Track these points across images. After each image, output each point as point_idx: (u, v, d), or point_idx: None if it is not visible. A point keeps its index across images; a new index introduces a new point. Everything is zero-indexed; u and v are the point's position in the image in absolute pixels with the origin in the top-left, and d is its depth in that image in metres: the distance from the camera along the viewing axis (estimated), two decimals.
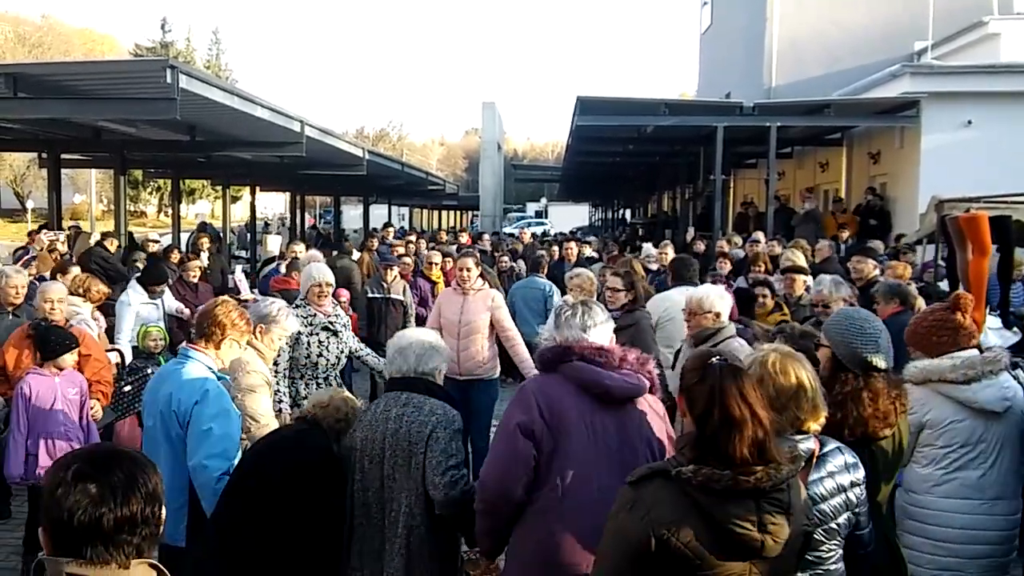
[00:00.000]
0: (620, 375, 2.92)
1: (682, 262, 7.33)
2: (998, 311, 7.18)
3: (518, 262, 11.71)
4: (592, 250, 12.81)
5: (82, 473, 1.67)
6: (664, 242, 11.26)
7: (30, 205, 39.83)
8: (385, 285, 8.54)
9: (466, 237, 17.18)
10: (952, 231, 6.70)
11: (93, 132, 12.69)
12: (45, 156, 14.12)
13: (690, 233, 15.06)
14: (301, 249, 9.99)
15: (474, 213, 44.52)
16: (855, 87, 15.25)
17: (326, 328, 5.57)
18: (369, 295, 8.54)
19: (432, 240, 15.81)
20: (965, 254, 6.49)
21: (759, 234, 11.50)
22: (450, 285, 7.26)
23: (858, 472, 2.69)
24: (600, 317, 3.13)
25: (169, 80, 8.12)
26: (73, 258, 10.00)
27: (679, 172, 19.96)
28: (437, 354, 3.39)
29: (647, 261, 10.04)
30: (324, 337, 5.55)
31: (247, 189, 25.10)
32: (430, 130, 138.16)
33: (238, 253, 23.31)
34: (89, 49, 51.42)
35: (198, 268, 8.83)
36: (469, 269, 6.66)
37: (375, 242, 13.49)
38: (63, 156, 13.79)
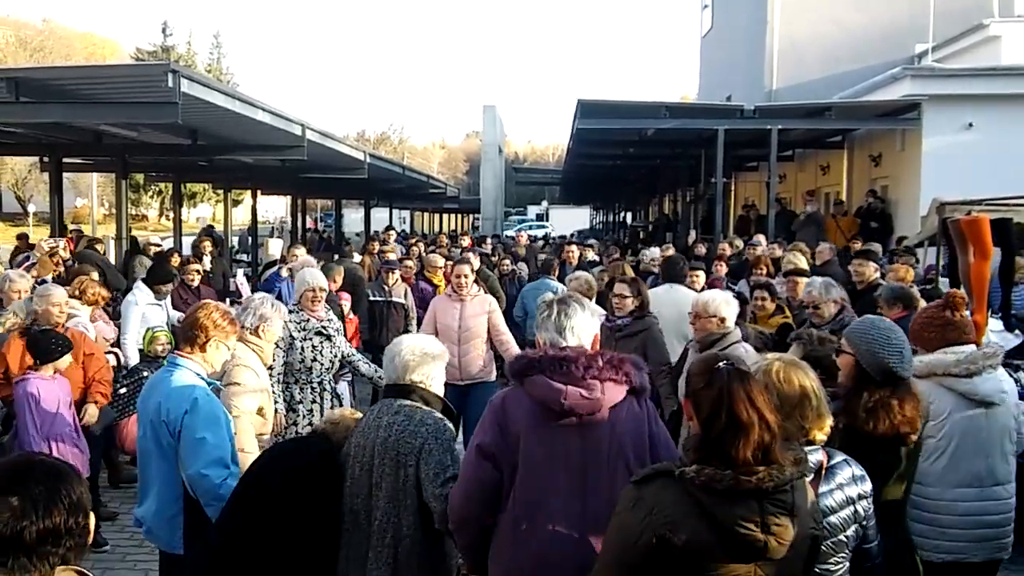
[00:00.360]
0: (580, 388, 2.73)
1: (671, 261, 7.70)
2: (1000, 314, 7.18)
3: (519, 265, 11.70)
4: (593, 253, 12.82)
5: (2, 487, 1.66)
6: (665, 245, 11.28)
7: (31, 209, 39.84)
8: (387, 288, 8.56)
9: (467, 240, 17.19)
10: (953, 234, 6.70)
11: (94, 136, 12.70)
12: (47, 160, 14.12)
13: (692, 236, 15.07)
14: (302, 253, 9.99)
15: (475, 216, 44.55)
16: (856, 90, 15.26)
17: (319, 333, 5.57)
18: (371, 298, 8.56)
19: (433, 243, 15.80)
20: (966, 257, 6.49)
21: (760, 237, 11.50)
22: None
23: (865, 484, 2.70)
24: (578, 316, 2.99)
25: (171, 84, 8.12)
26: (75, 263, 10.01)
27: (680, 175, 19.98)
28: (431, 361, 3.29)
29: (652, 265, 10.03)
30: (318, 342, 5.55)
31: (248, 193, 25.11)
32: (431, 133, 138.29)
33: (239, 257, 23.33)
34: (90, 53, 51.50)
35: (197, 272, 8.82)
36: (466, 275, 6.73)
37: (376, 245, 13.49)
38: (64, 160, 13.80)
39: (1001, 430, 3.68)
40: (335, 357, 5.66)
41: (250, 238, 22.84)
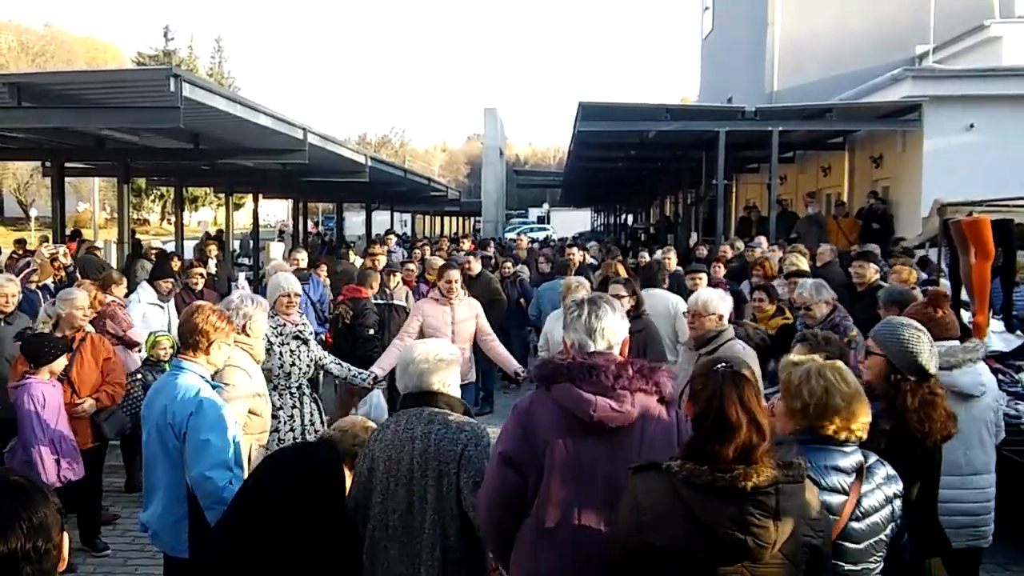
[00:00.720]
0: (610, 399, 2.66)
1: (647, 267, 8.43)
2: (1001, 315, 7.18)
3: (520, 267, 11.72)
4: (590, 256, 12.84)
5: None
6: (667, 247, 11.28)
7: (33, 214, 39.91)
8: (388, 291, 8.56)
9: (468, 243, 17.19)
10: (954, 235, 6.70)
11: (96, 141, 12.74)
12: (49, 165, 14.17)
13: (693, 238, 15.07)
14: (303, 257, 10.00)
15: (476, 219, 44.58)
16: (857, 91, 15.25)
17: (296, 337, 5.55)
18: (372, 301, 8.55)
19: (435, 244, 15.81)
20: (968, 258, 6.49)
21: (761, 239, 11.50)
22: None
23: (898, 484, 2.75)
24: (609, 318, 2.88)
25: (172, 89, 8.14)
26: (76, 268, 10.05)
27: (681, 177, 19.98)
28: (448, 366, 3.20)
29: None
30: (295, 346, 5.52)
31: (250, 196, 25.13)
32: (432, 136, 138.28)
33: (241, 260, 23.36)
34: (92, 58, 51.61)
35: (200, 276, 8.83)
36: (456, 280, 6.82)
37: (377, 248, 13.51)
38: (67, 165, 13.83)
39: (980, 421, 3.97)
40: (311, 361, 5.63)
41: (252, 242, 22.88)
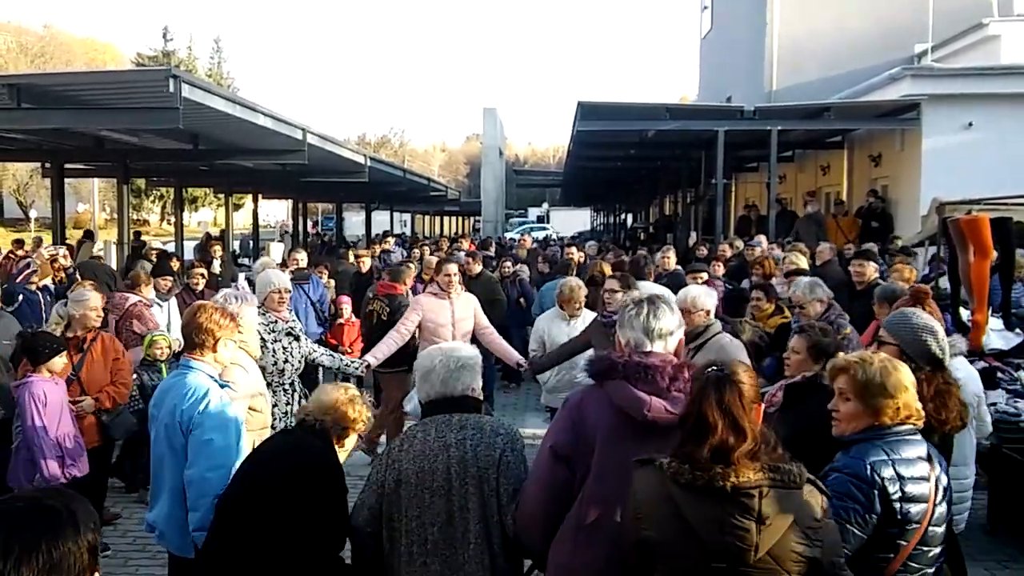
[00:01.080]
0: (664, 400, 2.64)
1: (636, 262, 8.70)
2: (1000, 312, 7.19)
3: (520, 267, 11.74)
4: (590, 256, 12.84)
5: None
6: (666, 247, 11.29)
7: (33, 214, 39.90)
8: None
9: (467, 243, 17.21)
10: (953, 233, 6.72)
11: (96, 141, 12.76)
12: (48, 166, 14.19)
13: (692, 237, 15.07)
14: (303, 257, 10.00)
15: (476, 219, 44.57)
16: (855, 90, 15.26)
17: (288, 333, 5.57)
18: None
19: (435, 246, 15.81)
20: (966, 256, 6.51)
21: (761, 238, 11.51)
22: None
23: (944, 464, 2.90)
24: (667, 319, 2.84)
25: (172, 89, 8.16)
26: (77, 271, 10.06)
27: (680, 176, 19.98)
28: (468, 371, 3.08)
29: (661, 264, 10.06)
30: (287, 342, 5.54)
31: (249, 197, 25.15)
32: (431, 136, 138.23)
33: (241, 261, 23.36)
34: (91, 58, 51.56)
35: (202, 276, 8.84)
36: (455, 274, 6.82)
37: (377, 249, 13.55)
38: (66, 166, 13.85)
39: None
40: (303, 357, 5.66)
41: (251, 242, 22.91)
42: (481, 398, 3.17)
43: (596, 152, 20.24)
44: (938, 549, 2.76)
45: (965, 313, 6.77)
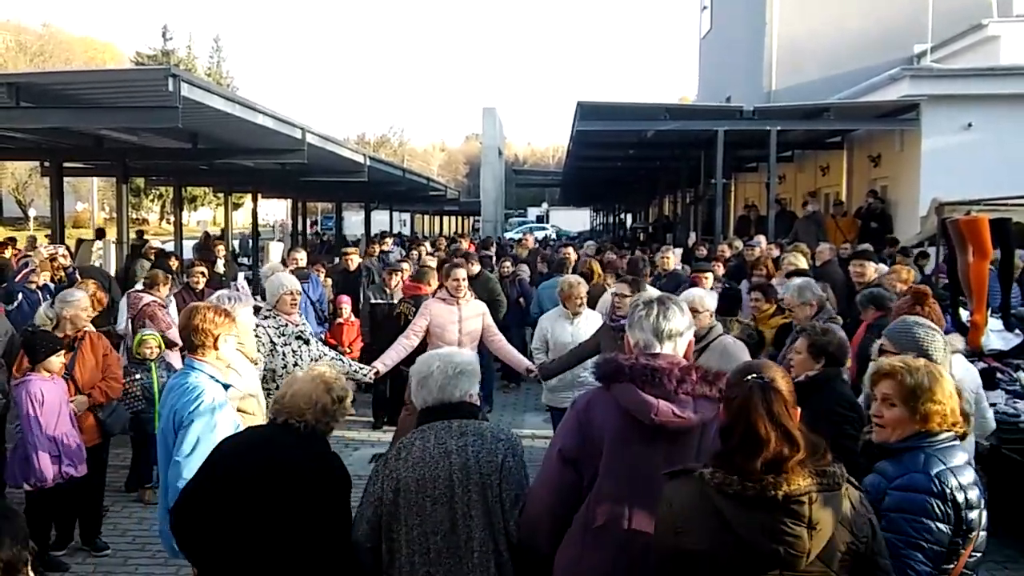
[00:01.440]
0: (672, 403, 2.62)
1: (633, 263, 8.82)
2: (999, 313, 7.19)
3: (520, 267, 11.74)
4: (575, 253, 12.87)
5: None
6: (665, 246, 11.29)
7: (32, 213, 39.89)
8: (388, 291, 8.57)
9: (467, 243, 17.19)
10: (952, 234, 6.72)
11: (95, 141, 12.73)
12: (47, 165, 14.16)
13: (692, 237, 15.07)
14: (302, 256, 10.00)
15: (475, 218, 44.55)
16: (855, 90, 15.26)
17: (298, 337, 5.57)
18: (372, 301, 8.56)
19: (433, 245, 15.81)
20: (966, 257, 6.51)
21: (760, 238, 11.50)
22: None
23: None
24: (676, 320, 2.82)
25: (171, 88, 8.14)
26: (76, 271, 10.06)
27: (680, 176, 19.98)
28: (466, 377, 3.05)
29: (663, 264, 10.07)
30: (297, 346, 5.54)
31: (249, 196, 25.13)
32: (431, 136, 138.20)
33: (240, 260, 23.36)
34: (90, 57, 51.52)
35: (202, 275, 8.83)
36: (463, 279, 6.78)
37: (376, 249, 13.52)
38: (65, 165, 13.82)
39: None
40: (312, 361, 5.62)
41: (250, 241, 22.89)
42: (478, 403, 3.14)
43: (595, 152, 20.23)
44: (981, 553, 2.75)
45: (964, 314, 6.77)
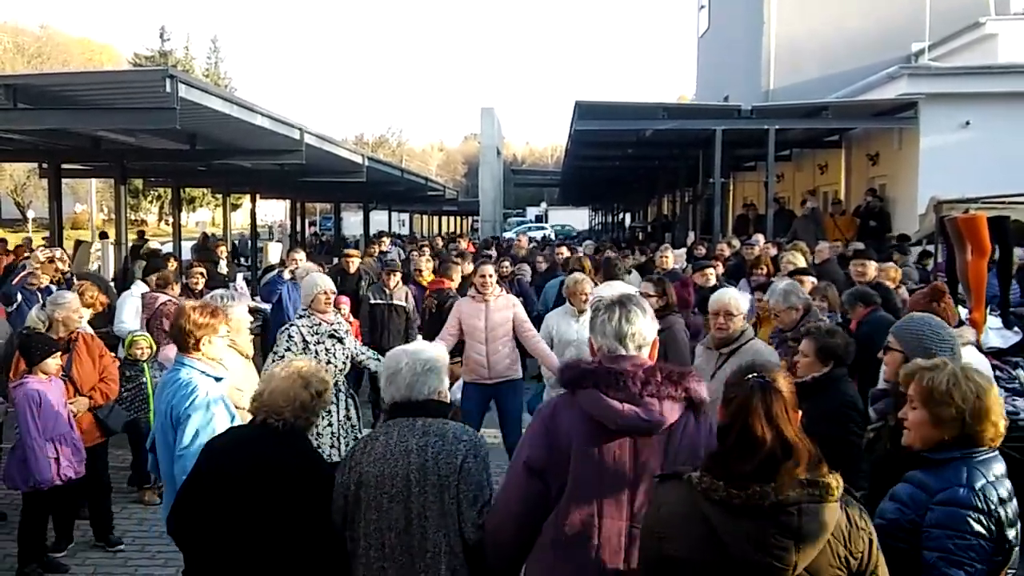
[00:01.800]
0: (637, 407, 2.57)
1: (609, 262, 8.63)
2: (998, 311, 7.20)
3: (520, 266, 11.73)
4: (568, 251, 12.91)
5: None
6: (664, 245, 11.29)
7: (31, 215, 39.85)
8: (387, 291, 8.56)
9: (465, 243, 17.18)
10: (951, 232, 6.73)
11: (93, 142, 12.71)
12: (45, 166, 14.14)
13: (691, 237, 15.08)
14: (301, 257, 9.99)
15: (474, 218, 44.55)
16: (853, 89, 15.28)
17: (332, 335, 5.63)
18: (371, 301, 8.55)
19: (430, 245, 15.80)
20: (964, 255, 6.52)
21: (758, 236, 11.51)
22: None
23: None
24: (639, 322, 2.75)
25: (168, 89, 8.13)
26: (73, 276, 10.05)
27: (678, 176, 20.00)
28: (434, 374, 3.03)
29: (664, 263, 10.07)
30: (330, 344, 5.61)
31: (247, 197, 25.11)
32: (429, 136, 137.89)
33: (239, 260, 23.37)
34: (88, 59, 51.50)
35: (201, 275, 8.83)
36: (489, 275, 6.76)
37: (376, 249, 13.52)
38: (63, 166, 13.81)
39: None
40: (347, 359, 5.72)
41: (249, 242, 22.88)
42: (448, 401, 3.11)
43: (594, 151, 20.23)
44: (1014, 570, 2.64)
45: (963, 311, 6.78)
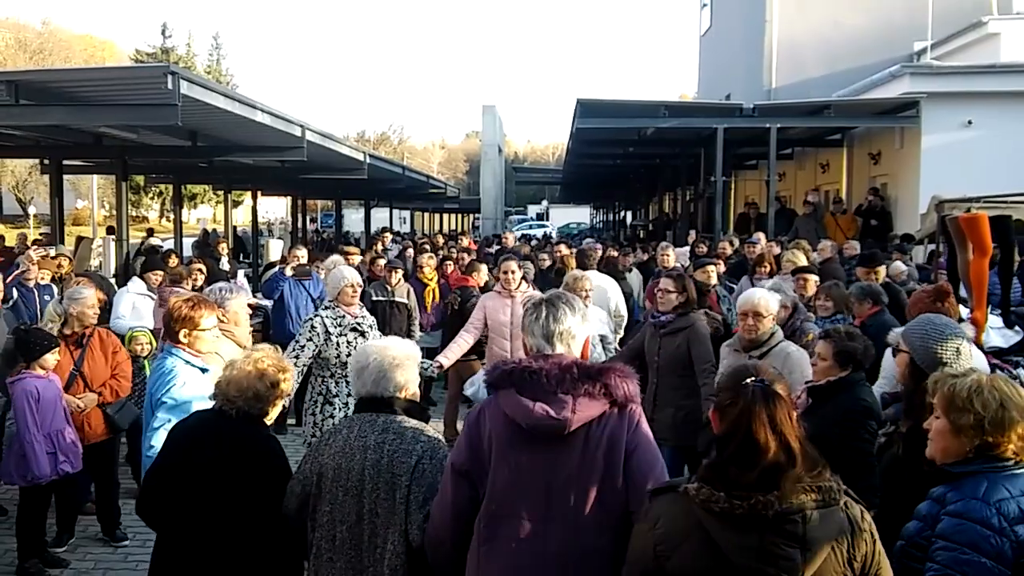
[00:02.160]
0: (549, 405, 2.49)
1: (583, 253, 8.84)
2: (999, 310, 7.19)
3: (523, 264, 11.74)
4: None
5: None
6: (665, 244, 11.28)
7: (32, 211, 39.85)
8: (389, 288, 8.58)
9: (467, 240, 17.17)
10: (952, 231, 6.71)
11: (94, 138, 12.71)
12: (47, 162, 14.13)
13: (692, 235, 15.06)
14: (303, 254, 9.97)
15: (475, 216, 44.55)
16: (855, 88, 15.26)
17: (354, 328, 5.66)
18: (373, 298, 8.55)
19: (429, 243, 15.78)
20: (965, 254, 6.50)
21: (759, 235, 11.49)
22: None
23: None
24: (567, 320, 2.69)
25: (170, 86, 8.12)
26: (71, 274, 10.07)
27: (680, 174, 19.97)
28: (402, 370, 3.02)
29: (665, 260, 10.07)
30: (352, 337, 5.64)
31: (248, 194, 25.12)
32: (431, 133, 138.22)
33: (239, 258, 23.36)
34: (90, 55, 51.52)
35: (200, 272, 8.83)
36: (513, 271, 6.79)
37: (380, 245, 13.52)
38: (65, 162, 13.81)
39: None
40: None
41: (251, 239, 22.86)
42: (416, 396, 3.11)
43: (595, 149, 20.22)
44: None
45: (964, 311, 6.77)
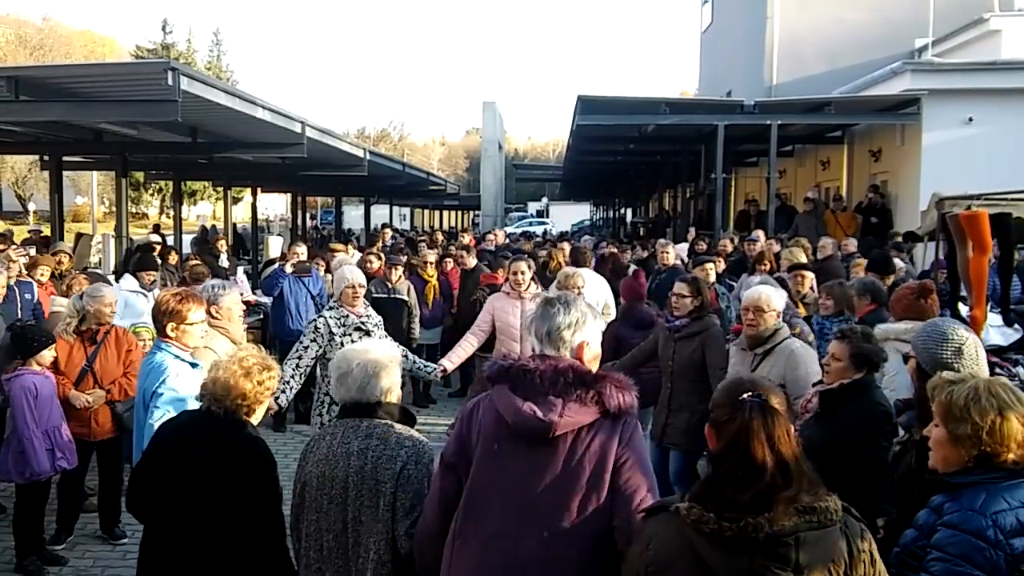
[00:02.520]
0: (537, 405, 2.43)
1: (577, 250, 9.04)
2: (999, 308, 7.19)
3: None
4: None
5: None
6: (663, 240, 11.28)
7: (32, 207, 39.88)
8: (390, 285, 8.59)
9: (467, 237, 17.15)
10: (952, 228, 6.70)
11: (94, 134, 12.70)
12: (47, 159, 14.13)
13: (691, 232, 15.07)
14: (303, 251, 9.98)
15: (475, 213, 44.57)
16: (856, 84, 15.25)
17: (359, 328, 5.63)
18: (373, 294, 8.56)
19: (430, 239, 15.78)
20: (965, 252, 6.50)
21: (759, 232, 11.49)
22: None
23: None
24: (564, 321, 2.64)
25: (170, 82, 8.11)
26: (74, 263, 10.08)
27: (680, 171, 19.97)
28: (386, 373, 2.98)
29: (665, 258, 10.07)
30: (356, 337, 5.57)
31: (248, 190, 25.11)
32: (431, 130, 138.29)
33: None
34: (90, 51, 51.48)
35: (200, 270, 8.83)
36: (523, 272, 6.70)
37: (380, 242, 13.53)
38: (64, 158, 13.80)
39: None
40: None
41: (251, 236, 22.84)
42: (398, 400, 3.06)
43: (595, 146, 20.21)
44: None
45: (964, 309, 6.77)
